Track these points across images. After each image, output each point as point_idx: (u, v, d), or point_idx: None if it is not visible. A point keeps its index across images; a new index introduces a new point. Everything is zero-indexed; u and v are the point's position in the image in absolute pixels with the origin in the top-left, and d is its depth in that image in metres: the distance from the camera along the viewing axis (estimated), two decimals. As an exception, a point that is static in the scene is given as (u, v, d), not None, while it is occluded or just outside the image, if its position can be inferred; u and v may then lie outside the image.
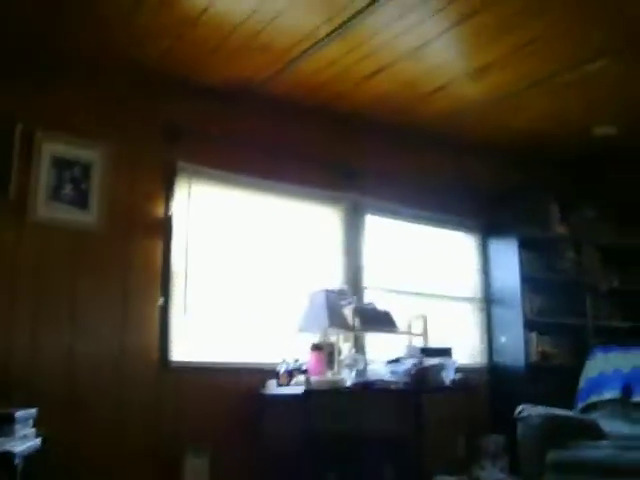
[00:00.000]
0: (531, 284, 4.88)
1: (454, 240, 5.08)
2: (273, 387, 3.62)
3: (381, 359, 4.04)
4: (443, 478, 4.13)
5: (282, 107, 4.17)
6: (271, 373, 3.66)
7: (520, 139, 4.92)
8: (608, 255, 5.35)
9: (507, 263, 4.91)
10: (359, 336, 4.09)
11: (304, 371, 3.57)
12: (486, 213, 5.09)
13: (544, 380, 4.70)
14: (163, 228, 3.70)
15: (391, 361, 3.87)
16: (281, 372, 3.61)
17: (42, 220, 3.34)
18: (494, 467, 4.37)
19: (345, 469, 3.62)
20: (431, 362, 3.82)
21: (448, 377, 3.89)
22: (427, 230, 4.92)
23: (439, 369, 3.84)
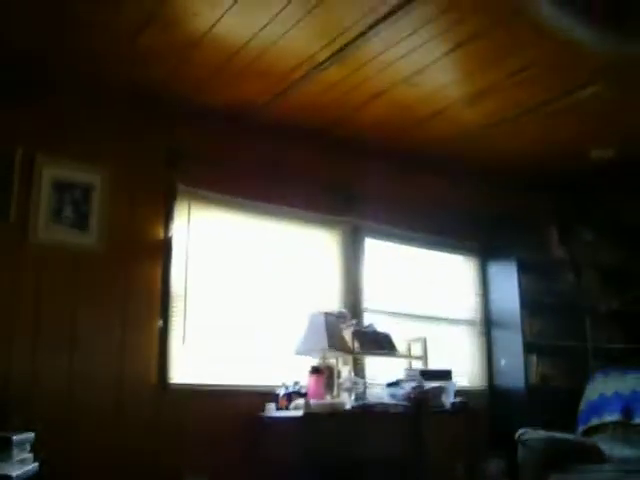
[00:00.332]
0: (530, 307, 4.88)
1: (453, 263, 5.09)
2: (272, 410, 3.60)
3: (381, 382, 4.03)
4: (444, 502, 4.09)
5: (282, 130, 4.20)
6: (270, 396, 3.66)
7: (518, 163, 4.94)
8: (607, 277, 5.35)
9: (506, 286, 4.91)
10: (358, 359, 4.08)
11: (303, 394, 3.56)
12: (485, 236, 5.10)
13: (544, 402, 4.67)
14: (163, 251, 3.71)
15: (391, 384, 3.85)
16: (280, 395, 3.61)
17: (42, 242, 3.35)
18: (495, 493, 4.34)
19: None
20: (431, 385, 3.81)
21: (448, 400, 3.86)
22: (426, 253, 4.93)
23: (439, 392, 3.82)
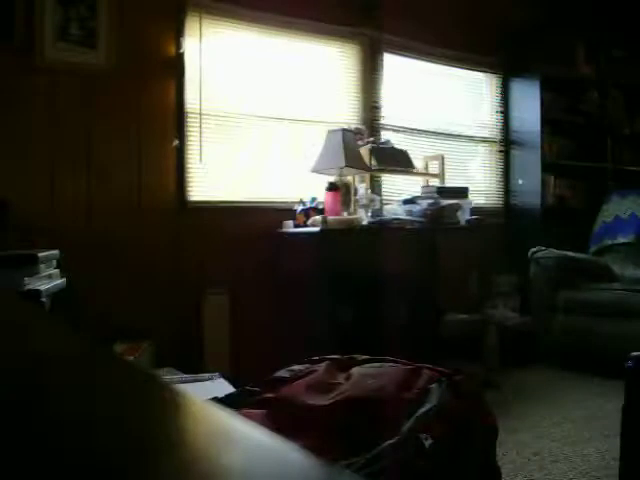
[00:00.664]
0: (551, 126, 4.78)
1: (474, 80, 4.92)
2: (290, 226, 3.65)
3: (397, 199, 4.06)
4: (455, 316, 4.26)
5: None
6: (288, 213, 3.70)
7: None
8: (633, 98, 5.19)
9: (528, 104, 4.78)
10: (375, 176, 4.07)
11: (321, 211, 3.59)
12: (508, 51, 4.87)
13: (560, 223, 4.72)
14: (175, 67, 3.58)
15: (407, 201, 3.88)
16: (298, 212, 3.64)
17: (51, 63, 3.23)
18: (506, 306, 4.50)
19: (360, 306, 3.72)
20: (447, 202, 3.83)
21: (464, 217, 3.90)
22: (446, 69, 4.75)
23: (455, 209, 3.84)
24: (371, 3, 4.21)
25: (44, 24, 3.21)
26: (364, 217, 3.59)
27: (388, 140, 4.03)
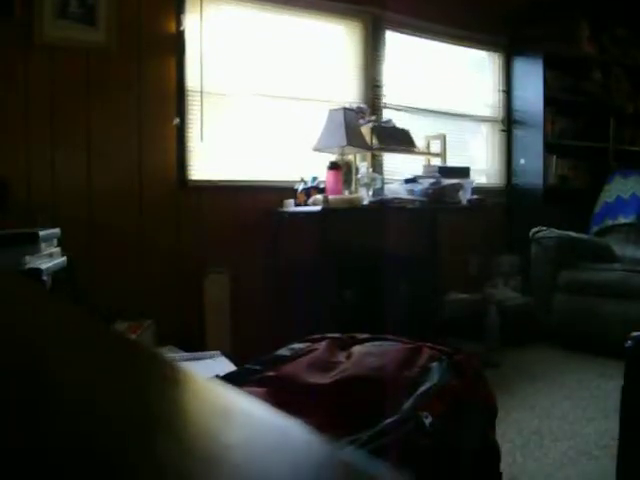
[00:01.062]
0: (554, 105, 4.75)
1: (477, 58, 4.88)
2: (291, 205, 3.64)
3: (399, 179, 4.04)
4: (456, 295, 4.27)
5: None
6: (289, 192, 3.68)
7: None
8: (636, 78, 5.15)
9: (530, 83, 4.75)
10: (377, 155, 4.05)
11: (322, 190, 3.58)
12: (511, 29, 4.83)
13: (562, 203, 4.72)
14: (176, 45, 3.55)
15: (408, 180, 3.86)
16: (299, 191, 3.63)
17: (51, 40, 3.19)
18: (506, 286, 4.51)
19: (361, 285, 3.72)
20: (448, 182, 3.81)
21: (465, 197, 3.89)
22: (449, 48, 4.71)
23: (456, 188, 3.82)
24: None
25: (43, 1, 3.17)
26: (365, 196, 3.57)
27: (390, 119, 4.00)
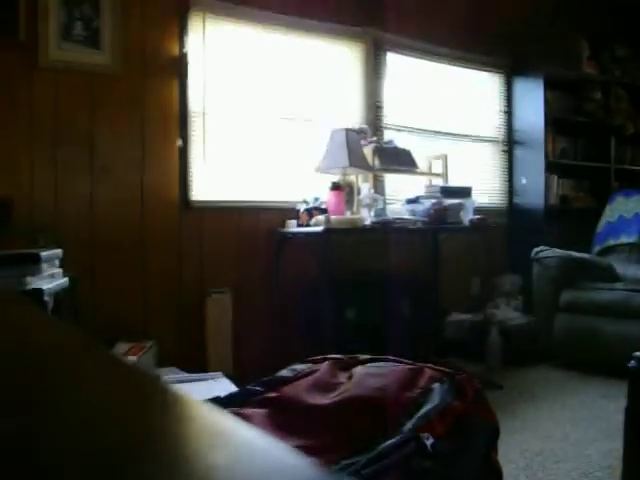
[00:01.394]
0: (555, 125, 4.77)
1: (478, 79, 4.91)
2: (293, 226, 3.65)
3: (400, 199, 4.05)
4: (458, 316, 4.26)
5: None
6: (291, 212, 3.70)
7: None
8: (637, 98, 5.18)
9: (531, 103, 4.77)
10: (378, 175, 4.06)
11: (324, 210, 3.59)
12: (512, 51, 4.87)
13: (563, 223, 4.72)
14: (178, 67, 3.59)
15: (410, 200, 3.87)
16: (301, 211, 3.64)
17: (55, 63, 3.22)
18: (508, 306, 4.49)
19: (363, 306, 3.72)
20: (450, 202, 3.82)
21: (466, 217, 3.89)
22: (450, 69, 4.74)
23: (458, 209, 3.83)
24: (375, 2, 4.21)
25: (48, 24, 3.21)
26: (367, 217, 3.57)
27: (391, 140, 4.02)
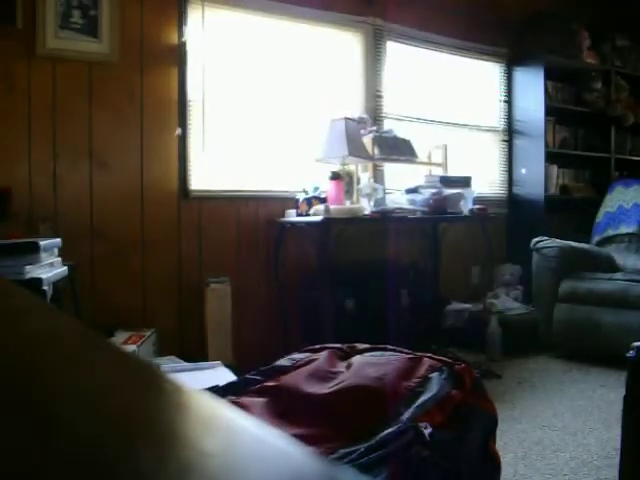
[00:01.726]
0: (555, 115, 4.76)
1: (478, 69, 4.89)
2: (292, 215, 3.65)
3: (400, 188, 4.05)
4: (457, 305, 4.26)
5: None
6: (290, 202, 3.70)
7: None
8: (637, 88, 5.17)
9: (532, 93, 4.76)
10: (378, 165, 4.06)
11: (323, 200, 3.58)
12: (512, 40, 4.85)
13: (563, 213, 4.72)
14: (177, 55, 3.57)
15: (410, 190, 3.87)
16: (300, 201, 3.64)
17: (53, 51, 3.20)
18: (508, 296, 4.50)
19: (362, 295, 3.72)
20: (450, 192, 3.82)
21: (466, 207, 3.89)
22: (450, 58, 4.72)
23: (457, 199, 3.83)
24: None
25: (46, 12, 3.19)
26: (367, 206, 3.58)
27: (391, 129, 4.01)
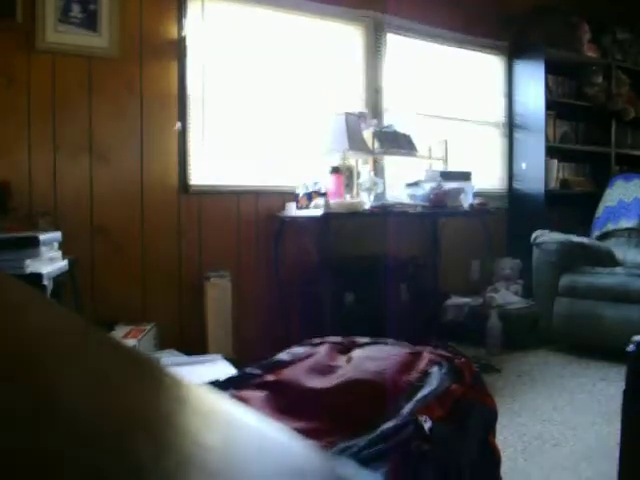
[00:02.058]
0: (556, 109, 4.75)
1: (479, 62, 4.87)
2: (292, 210, 3.64)
3: (400, 183, 4.04)
4: (457, 299, 4.26)
5: None
6: (290, 196, 3.69)
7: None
8: (638, 82, 5.16)
9: (532, 87, 4.75)
10: (378, 159, 4.05)
11: (323, 194, 3.58)
12: (513, 33, 4.84)
13: (563, 207, 4.71)
14: (177, 50, 3.56)
15: (410, 184, 3.87)
16: (300, 195, 3.63)
17: (52, 45, 3.19)
18: (508, 290, 4.50)
19: (362, 289, 3.72)
20: (450, 186, 3.81)
21: (466, 201, 3.89)
22: (451, 51, 4.70)
23: (458, 193, 3.83)
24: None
25: (45, 6, 3.18)
26: (367, 200, 3.57)
27: (392, 124, 4.01)
